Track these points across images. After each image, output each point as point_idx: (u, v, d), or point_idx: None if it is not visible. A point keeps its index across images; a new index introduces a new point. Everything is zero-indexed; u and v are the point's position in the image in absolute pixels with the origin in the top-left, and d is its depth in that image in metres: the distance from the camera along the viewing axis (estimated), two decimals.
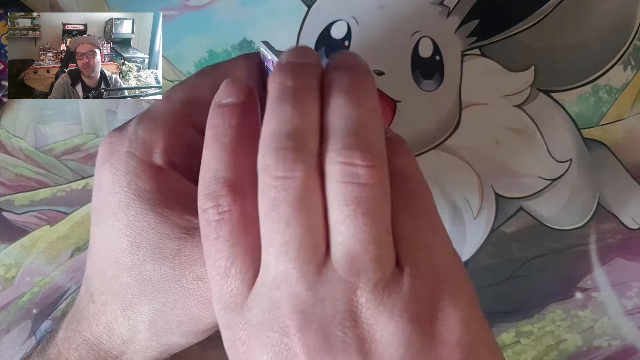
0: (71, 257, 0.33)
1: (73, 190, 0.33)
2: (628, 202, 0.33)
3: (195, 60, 0.33)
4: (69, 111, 0.33)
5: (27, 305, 0.33)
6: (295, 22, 0.33)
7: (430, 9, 0.33)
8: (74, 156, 0.33)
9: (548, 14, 0.33)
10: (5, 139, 0.33)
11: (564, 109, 0.33)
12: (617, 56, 0.33)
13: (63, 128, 0.34)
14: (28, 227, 0.33)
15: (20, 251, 0.33)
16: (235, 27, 0.34)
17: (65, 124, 0.34)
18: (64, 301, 0.33)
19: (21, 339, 0.33)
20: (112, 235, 0.20)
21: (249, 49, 0.33)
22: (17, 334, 0.33)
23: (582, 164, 0.33)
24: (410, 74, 0.33)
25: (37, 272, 0.33)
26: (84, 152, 0.33)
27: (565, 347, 0.33)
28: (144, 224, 0.19)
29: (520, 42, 0.33)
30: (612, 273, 0.33)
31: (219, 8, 0.34)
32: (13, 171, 0.33)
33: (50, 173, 0.33)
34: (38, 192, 0.33)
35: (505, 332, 0.33)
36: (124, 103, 0.33)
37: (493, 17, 0.33)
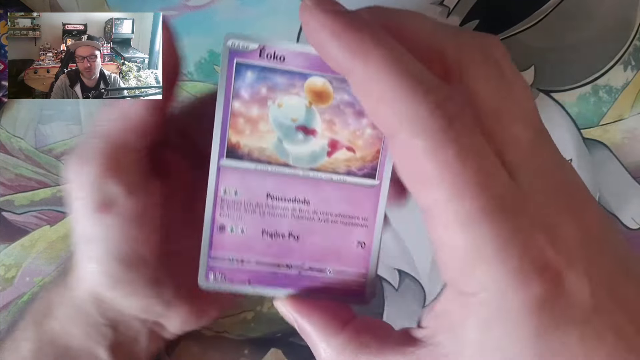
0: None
1: None
2: (628, 202, 0.33)
3: (195, 60, 0.33)
4: (69, 111, 0.33)
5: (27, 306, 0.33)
6: (295, 22, 0.33)
7: (430, 9, 0.33)
8: None
9: (548, 14, 0.33)
10: (5, 139, 0.33)
11: (564, 109, 0.33)
12: (617, 56, 0.33)
13: (63, 128, 0.33)
14: (28, 227, 0.33)
15: (20, 251, 0.33)
16: (235, 27, 0.33)
17: (65, 124, 0.34)
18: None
19: None
20: None
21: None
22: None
23: (582, 164, 0.33)
24: None
25: (37, 272, 0.33)
26: None
27: None
28: None
29: (520, 42, 0.33)
30: None
31: (219, 8, 0.34)
32: (13, 171, 0.33)
33: (50, 173, 0.33)
34: (38, 192, 0.33)
35: None
36: None
37: (493, 17, 0.33)
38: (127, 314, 0.25)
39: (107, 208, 0.23)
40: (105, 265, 0.23)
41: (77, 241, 0.24)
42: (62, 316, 0.25)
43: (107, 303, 0.25)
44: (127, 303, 0.24)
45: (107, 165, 0.23)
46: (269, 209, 0.21)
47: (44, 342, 0.25)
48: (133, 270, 0.24)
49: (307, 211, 0.21)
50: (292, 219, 0.21)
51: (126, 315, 0.25)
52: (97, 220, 0.23)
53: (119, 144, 0.23)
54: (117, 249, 0.23)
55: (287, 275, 0.21)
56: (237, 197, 0.21)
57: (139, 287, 0.24)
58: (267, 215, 0.21)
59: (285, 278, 0.21)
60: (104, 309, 0.25)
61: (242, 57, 0.20)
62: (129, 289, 0.24)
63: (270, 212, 0.21)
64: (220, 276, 0.21)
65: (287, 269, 0.22)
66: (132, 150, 0.24)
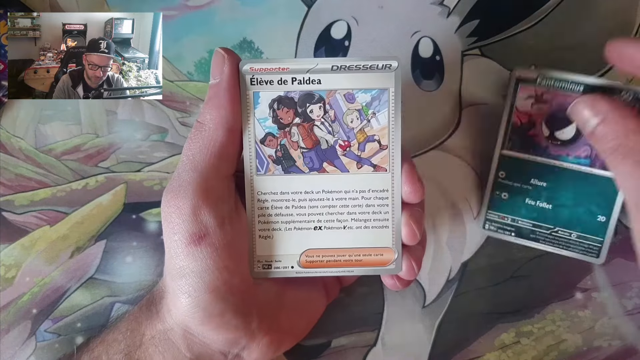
0: (71, 257, 0.33)
1: (73, 190, 0.33)
2: None
3: (195, 60, 0.33)
4: (69, 111, 0.33)
5: (27, 305, 0.33)
6: (295, 22, 0.33)
7: (430, 9, 0.33)
8: (74, 156, 0.33)
9: (548, 14, 0.33)
10: (5, 139, 0.33)
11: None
12: None
13: (63, 128, 0.33)
14: (28, 227, 0.33)
15: (20, 251, 0.33)
16: (235, 27, 0.33)
17: (65, 124, 0.33)
18: (65, 301, 0.33)
19: (21, 339, 0.33)
20: None
21: (249, 48, 0.33)
22: (17, 334, 0.33)
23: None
24: (411, 74, 0.33)
25: (37, 272, 0.33)
26: (84, 152, 0.33)
27: (565, 347, 0.33)
28: None
29: (520, 42, 0.33)
30: (612, 273, 0.33)
31: (219, 8, 0.34)
32: (13, 171, 0.33)
33: (50, 173, 0.33)
34: (38, 192, 0.33)
35: (505, 332, 0.33)
36: (124, 103, 0.33)
37: (493, 17, 0.33)
38: (213, 348, 0.25)
39: (201, 240, 0.23)
40: (198, 298, 0.24)
41: (171, 274, 0.24)
42: (153, 349, 0.25)
43: (196, 337, 0.25)
44: (216, 336, 0.25)
45: (201, 196, 0.24)
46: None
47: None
48: (224, 301, 0.24)
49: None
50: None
51: (212, 349, 0.25)
52: (192, 253, 0.23)
53: (209, 174, 0.24)
54: (210, 280, 0.24)
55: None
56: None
57: (228, 318, 0.24)
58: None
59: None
60: (192, 342, 0.25)
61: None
62: (219, 321, 0.24)
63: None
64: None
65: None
66: (221, 178, 0.25)
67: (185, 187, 0.24)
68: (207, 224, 0.24)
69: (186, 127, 0.34)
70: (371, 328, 0.33)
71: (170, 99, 0.33)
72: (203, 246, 0.23)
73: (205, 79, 0.33)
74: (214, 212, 0.24)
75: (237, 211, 0.25)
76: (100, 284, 0.33)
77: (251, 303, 0.25)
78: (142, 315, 0.26)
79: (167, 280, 0.25)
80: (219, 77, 0.24)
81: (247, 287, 0.25)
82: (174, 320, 0.25)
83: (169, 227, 0.24)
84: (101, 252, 0.33)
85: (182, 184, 0.24)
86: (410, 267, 0.26)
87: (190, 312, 0.24)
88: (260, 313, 0.25)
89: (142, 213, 0.33)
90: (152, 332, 0.25)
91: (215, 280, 0.24)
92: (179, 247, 0.24)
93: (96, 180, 0.33)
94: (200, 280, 0.23)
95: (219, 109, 0.24)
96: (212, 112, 0.24)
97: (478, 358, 0.33)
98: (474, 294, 0.33)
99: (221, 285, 0.24)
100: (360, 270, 0.26)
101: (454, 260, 0.33)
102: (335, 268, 0.26)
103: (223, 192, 0.25)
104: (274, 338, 0.26)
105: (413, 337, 0.33)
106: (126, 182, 0.33)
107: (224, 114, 0.24)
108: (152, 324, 0.25)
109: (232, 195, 0.25)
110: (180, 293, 0.24)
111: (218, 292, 0.24)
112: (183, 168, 0.24)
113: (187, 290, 0.24)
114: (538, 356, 0.33)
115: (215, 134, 0.24)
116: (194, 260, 0.23)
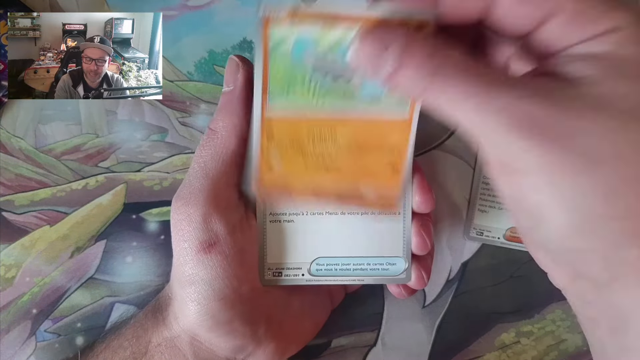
0: (71, 257, 0.33)
1: (73, 190, 0.33)
2: None
3: (195, 60, 0.33)
4: (69, 111, 0.33)
5: (27, 306, 0.33)
6: None
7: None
8: (74, 156, 0.33)
9: None
10: (5, 139, 0.33)
11: None
12: None
13: (63, 128, 0.33)
14: (28, 227, 0.33)
15: (20, 251, 0.33)
16: (235, 27, 0.33)
17: (65, 124, 0.33)
18: (65, 301, 0.33)
19: (21, 339, 0.33)
20: None
21: (249, 49, 0.33)
22: (17, 334, 0.33)
23: None
24: None
25: (37, 272, 0.33)
26: (84, 152, 0.33)
27: (565, 347, 0.33)
28: None
29: None
30: None
31: (219, 8, 0.34)
32: (13, 171, 0.33)
33: (50, 173, 0.33)
34: (38, 192, 0.33)
35: (505, 332, 0.33)
36: (124, 103, 0.33)
37: None
38: (219, 355, 0.25)
39: (211, 247, 0.24)
40: (207, 305, 0.24)
41: (179, 281, 0.24)
42: (159, 356, 0.25)
43: (203, 344, 0.25)
44: (223, 343, 0.25)
45: (212, 204, 0.24)
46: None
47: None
48: (233, 309, 0.24)
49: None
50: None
51: (218, 356, 0.25)
52: (202, 261, 0.24)
53: (220, 182, 0.24)
54: (219, 288, 0.24)
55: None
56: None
57: (236, 326, 0.24)
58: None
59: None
60: (199, 349, 0.25)
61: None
62: (227, 329, 0.24)
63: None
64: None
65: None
66: (232, 186, 0.25)
67: (197, 195, 0.24)
68: (218, 231, 0.24)
69: (186, 127, 0.34)
70: (371, 328, 0.33)
71: (170, 99, 0.33)
72: (213, 254, 0.23)
73: (205, 79, 0.33)
74: (225, 219, 0.24)
75: (247, 219, 0.25)
76: (100, 284, 0.33)
77: (259, 310, 0.25)
78: (148, 322, 0.26)
79: (174, 287, 0.25)
80: (232, 84, 0.24)
81: (255, 294, 0.25)
82: (181, 327, 0.25)
83: (178, 235, 0.24)
84: (101, 252, 0.33)
85: (192, 191, 0.24)
86: (420, 277, 0.26)
87: (198, 320, 0.24)
88: (268, 320, 0.26)
89: (142, 213, 0.33)
90: (159, 340, 0.25)
91: (224, 288, 0.24)
92: (188, 254, 0.23)
93: (96, 180, 0.33)
94: (209, 288, 0.23)
95: (232, 116, 0.24)
96: (224, 119, 0.24)
97: (478, 358, 0.33)
98: (474, 294, 0.33)
99: (230, 293, 0.24)
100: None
101: (454, 260, 0.33)
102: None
103: (234, 200, 0.25)
104: (280, 344, 0.26)
105: (413, 337, 0.33)
106: (126, 182, 0.33)
107: (237, 122, 0.24)
108: (159, 331, 0.25)
109: (243, 203, 0.25)
110: (189, 300, 0.24)
111: (227, 299, 0.24)
112: (194, 175, 0.24)
113: (196, 297, 0.24)
114: (538, 356, 0.33)
115: (227, 141, 0.24)
116: (203, 268, 0.23)
